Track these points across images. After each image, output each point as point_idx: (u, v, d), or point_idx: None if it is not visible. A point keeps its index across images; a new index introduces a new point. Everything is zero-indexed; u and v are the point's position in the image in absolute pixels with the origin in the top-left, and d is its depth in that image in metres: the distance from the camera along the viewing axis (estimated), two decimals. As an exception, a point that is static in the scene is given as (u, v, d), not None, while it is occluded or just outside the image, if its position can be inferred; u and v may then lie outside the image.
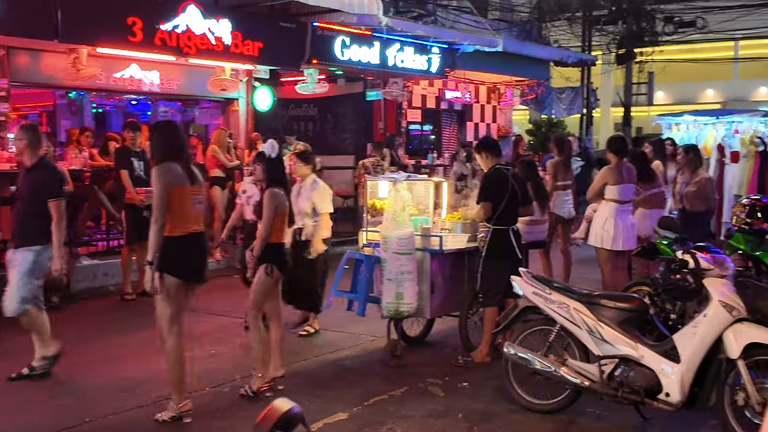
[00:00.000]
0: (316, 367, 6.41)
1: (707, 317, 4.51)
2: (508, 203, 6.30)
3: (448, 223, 6.96)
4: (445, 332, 7.21)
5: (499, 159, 6.67)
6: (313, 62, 12.54)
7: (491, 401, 5.44)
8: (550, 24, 22.25)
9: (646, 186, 7.85)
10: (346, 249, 8.96)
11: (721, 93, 37.76)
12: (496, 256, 6.24)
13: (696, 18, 23.51)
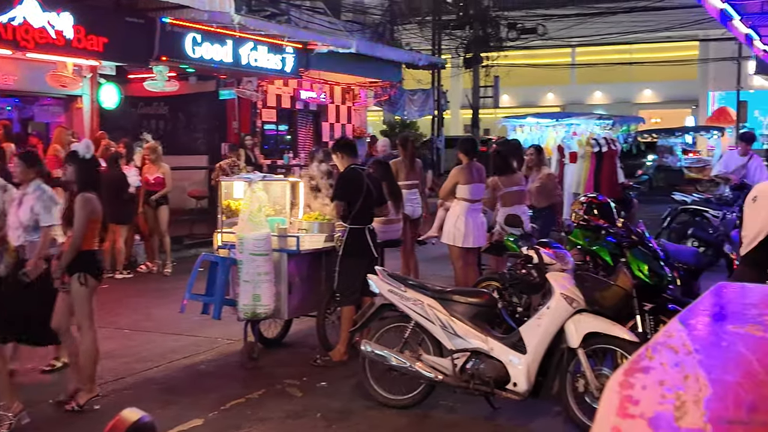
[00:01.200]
0: (170, 373, 6.23)
1: (550, 309, 4.76)
2: (364, 203, 6.39)
3: (305, 223, 6.96)
4: (304, 332, 7.21)
5: (355, 159, 6.76)
6: (162, 59, 12.16)
7: (349, 399, 5.50)
8: (401, 27, 22.74)
9: (508, 180, 8.14)
10: (201, 251, 8.76)
11: (561, 97, 39.98)
12: (353, 255, 6.31)
13: (537, 25, 24.79)
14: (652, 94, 39.80)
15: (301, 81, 17.18)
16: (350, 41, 15.16)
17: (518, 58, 29.53)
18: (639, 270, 5.56)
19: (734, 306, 1.55)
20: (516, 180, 8.14)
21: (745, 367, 1.06)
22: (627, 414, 0.85)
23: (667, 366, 1.04)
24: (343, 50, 15.07)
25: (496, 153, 8.52)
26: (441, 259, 9.82)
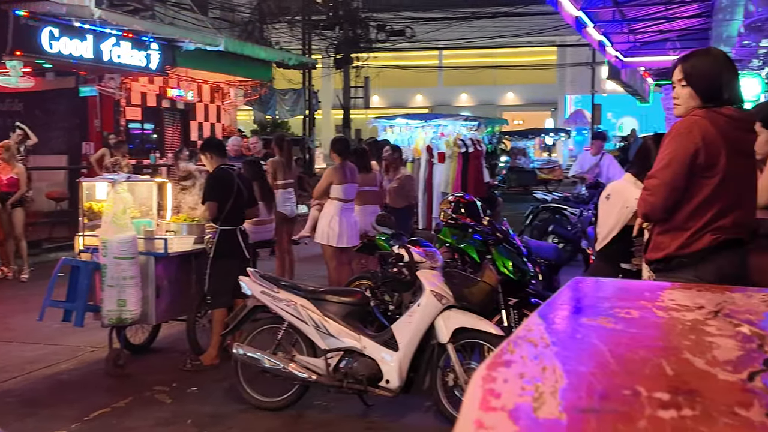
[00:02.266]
0: (29, 384, 5.91)
1: (421, 306, 4.87)
2: (235, 203, 6.30)
3: (173, 225, 6.78)
4: (173, 337, 7.02)
5: (224, 159, 6.66)
6: (16, 54, 11.49)
7: (221, 403, 5.41)
8: (271, 26, 22.53)
9: (363, 179, 8.24)
10: (61, 255, 8.34)
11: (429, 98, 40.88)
12: (224, 256, 6.22)
13: (405, 27, 25.21)
14: (515, 97, 41.42)
15: (167, 79, 16.69)
16: (218, 39, 14.87)
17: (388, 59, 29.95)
18: (504, 266, 5.78)
19: (589, 300, 1.64)
20: (370, 179, 8.28)
21: (597, 358, 1.14)
22: (489, 407, 0.89)
23: (526, 359, 1.10)
24: (211, 48, 14.76)
25: (354, 151, 8.63)
26: (315, 259, 9.82)
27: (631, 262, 4.45)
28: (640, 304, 1.52)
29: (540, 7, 18.01)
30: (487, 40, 29.24)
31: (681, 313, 1.42)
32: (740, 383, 1.01)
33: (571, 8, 10.08)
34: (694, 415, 0.89)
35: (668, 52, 14.96)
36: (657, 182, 3.20)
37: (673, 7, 11.76)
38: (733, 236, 3.20)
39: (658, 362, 1.10)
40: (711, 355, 1.13)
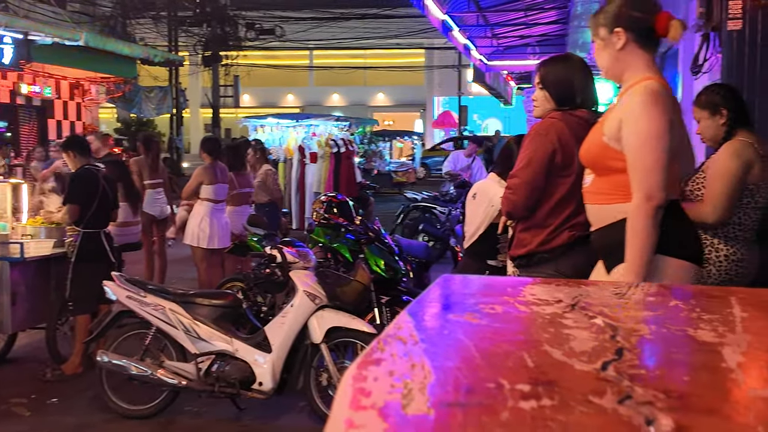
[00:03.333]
0: None
1: (294, 307, 4.86)
2: (99, 205, 6.06)
3: (30, 228, 6.43)
4: (32, 346, 6.65)
5: (88, 158, 6.38)
6: None
7: (85, 413, 5.18)
8: (135, 21, 21.77)
9: (242, 180, 8.12)
10: None
11: (300, 98, 40.75)
12: (88, 260, 5.96)
13: (275, 26, 25.02)
14: (385, 98, 41.99)
15: (22, 74, 15.77)
16: (77, 33, 14.21)
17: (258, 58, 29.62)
18: (376, 265, 5.86)
19: (456, 296, 1.70)
20: (246, 181, 8.22)
21: (463, 353, 1.18)
22: (359, 406, 0.91)
23: (396, 356, 1.12)
24: (69, 42, 14.08)
25: (230, 149, 8.51)
26: (185, 261, 9.58)
27: (497, 258, 4.62)
28: (503, 299, 1.58)
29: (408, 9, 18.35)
30: (357, 41, 29.52)
31: (541, 307, 1.49)
32: (594, 372, 1.07)
33: (437, 12, 10.33)
34: (552, 404, 0.94)
35: (529, 56, 15.62)
36: (518, 181, 3.33)
37: (532, 14, 12.29)
38: (589, 233, 3.38)
39: (520, 355, 1.15)
40: (568, 346, 1.20)
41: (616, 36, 2.64)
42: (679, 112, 2.70)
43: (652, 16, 2.61)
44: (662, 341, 1.31)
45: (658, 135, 2.50)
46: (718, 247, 3.57)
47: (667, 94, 2.60)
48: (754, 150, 3.54)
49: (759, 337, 1.32)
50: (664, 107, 2.53)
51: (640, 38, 2.63)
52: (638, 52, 2.64)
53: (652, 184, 2.50)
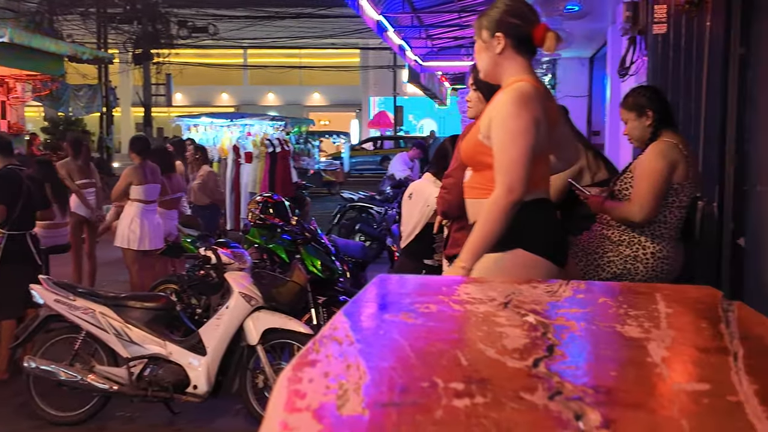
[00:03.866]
0: None
1: (229, 309, 4.81)
2: (24, 206, 5.88)
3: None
4: (-47, 354, 6.40)
5: (12, 158, 6.18)
6: None
7: (12, 422, 5.02)
8: (62, 17, 21.18)
9: (172, 184, 7.98)
10: None
11: (235, 97, 40.29)
12: (12, 263, 5.78)
13: (208, 24, 24.67)
14: (321, 98, 41.86)
15: (-59, 71, 15.19)
16: (1, 29, 13.74)
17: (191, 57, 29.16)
18: (312, 265, 5.84)
19: (392, 296, 1.71)
20: (175, 186, 8.06)
21: (398, 353, 1.19)
22: (294, 408, 0.91)
23: (331, 357, 1.12)
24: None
25: (155, 151, 8.35)
26: (115, 263, 9.37)
27: (433, 257, 4.66)
28: (438, 298, 1.60)
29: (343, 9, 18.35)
30: (292, 41, 29.35)
31: (475, 305, 1.51)
32: (526, 369, 1.10)
33: (372, 12, 10.36)
34: (485, 402, 0.96)
35: (463, 57, 15.80)
36: (453, 181, 3.37)
37: (466, 16, 12.42)
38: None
39: (454, 354, 1.17)
40: (501, 344, 1.22)
41: (497, 40, 2.75)
42: (555, 111, 2.80)
43: (531, 26, 2.73)
44: (591, 337, 1.34)
45: (521, 132, 2.60)
46: (645, 245, 3.68)
47: (537, 95, 2.70)
48: (679, 150, 3.66)
49: (682, 332, 1.37)
50: (530, 106, 2.64)
51: (518, 44, 2.74)
52: (516, 57, 2.76)
53: (513, 178, 2.59)
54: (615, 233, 3.75)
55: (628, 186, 3.74)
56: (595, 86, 12.69)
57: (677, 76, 5.23)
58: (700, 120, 5.19)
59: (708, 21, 5.12)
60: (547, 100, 2.80)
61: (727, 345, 1.25)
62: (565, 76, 13.15)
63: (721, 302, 1.57)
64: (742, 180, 5.21)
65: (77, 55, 17.40)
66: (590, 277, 3.73)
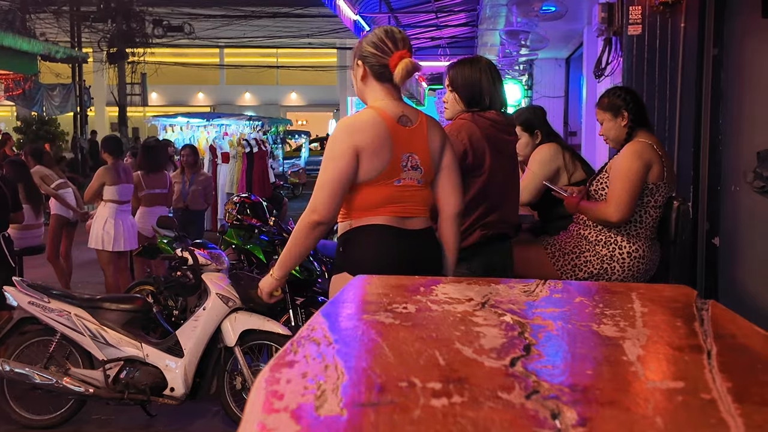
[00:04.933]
0: None
1: (206, 310, 4.78)
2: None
3: None
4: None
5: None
6: None
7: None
8: (35, 16, 20.93)
9: (153, 181, 7.87)
10: None
11: (211, 97, 40.07)
12: (-16, 266, 5.70)
13: (183, 23, 24.50)
14: (298, 98, 41.74)
15: None
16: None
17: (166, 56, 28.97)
18: (290, 266, 5.82)
19: (370, 296, 1.71)
20: (160, 181, 7.96)
21: (376, 353, 1.19)
22: (272, 409, 0.91)
23: (309, 358, 1.12)
24: (-36, 37, 13.44)
25: (144, 149, 8.28)
26: (89, 265, 9.29)
27: None
28: (416, 298, 1.60)
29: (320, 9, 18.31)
30: (268, 40, 29.22)
31: (452, 305, 1.52)
32: (503, 369, 1.10)
33: (349, 12, 10.36)
34: (462, 401, 0.96)
35: (440, 58, 15.84)
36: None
37: (442, 16, 12.47)
38: (500, 232, 3.46)
39: (432, 353, 1.17)
40: (478, 344, 1.23)
41: (359, 68, 2.95)
42: (410, 139, 2.85)
43: (387, 56, 2.86)
44: (568, 337, 1.35)
45: (334, 158, 2.76)
46: (621, 245, 3.71)
47: (365, 122, 2.81)
48: (654, 151, 3.70)
49: (657, 331, 1.39)
50: (347, 133, 2.79)
51: (377, 72, 2.90)
52: (374, 83, 2.93)
53: (317, 201, 2.76)
54: (592, 233, 3.78)
55: (604, 186, 3.77)
56: (571, 87, 12.78)
57: (652, 77, 5.29)
58: (675, 120, 5.25)
59: (682, 22, 5.18)
60: (407, 125, 2.87)
61: (701, 343, 1.27)
62: (541, 76, 13.23)
63: (695, 301, 1.59)
64: (717, 180, 5.28)
65: (51, 54, 17.22)
66: (567, 276, 3.76)
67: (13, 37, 15.79)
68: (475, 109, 3.42)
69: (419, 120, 2.92)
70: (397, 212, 2.84)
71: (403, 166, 2.82)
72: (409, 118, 2.89)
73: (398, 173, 2.81)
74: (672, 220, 3.82)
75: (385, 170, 2.78)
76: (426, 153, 2.89)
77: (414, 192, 2.86)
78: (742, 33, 5.22)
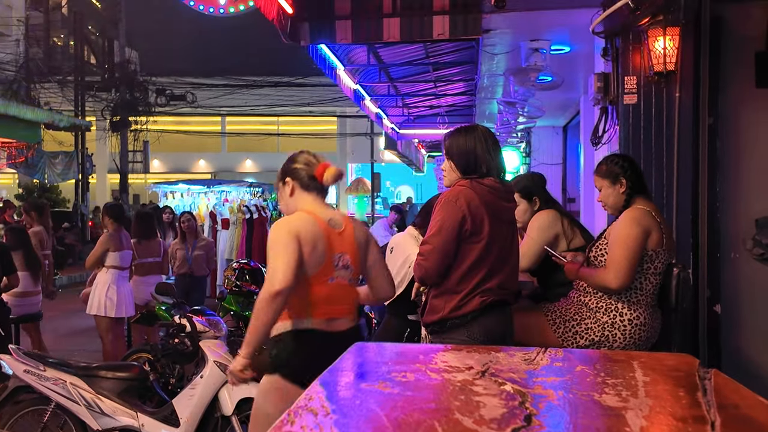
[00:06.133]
0: None
1: (204, 378, 4.71)
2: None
3: None
4: None
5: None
6: None
7: (-25, 499, 4.83)
8: (39, 85, 21.28)
9: (146, 249, 7.87)
10: None
11: (212, 164, 40.41)
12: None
13: (186, 93, 24.89)
14: (299, 164, 41.90)
15: None
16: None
17: (169, 124, 29.36)
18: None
19: (369, 365, 1.69)
20: (154, 249, 7.96)
21: (375, 424, 1.17)
22: (268, 482, 0.89)
23: (306, 429, 1.10)
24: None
25: (138, 216, 8.30)
26: (87, 332, 9.20)
27: (416, 313, 4.64)
28: (415, 367, 1.59)
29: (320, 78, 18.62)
30: (269, 108, 29.64)
31: (452, 374, 1.50)
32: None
33: (349, 82, 10.53)
34: (463, 473, 0.94)
35: (438, 126, 16.02)
36: (430, 248, 3.38)
37: (441, 85, 12.66)
38: (499, 298, 3.45)
39: (431, 424, 1.15)
40: (478, 414, 1.21)
41: (287, 185, 3.32)
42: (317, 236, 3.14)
43: (314, 168, 3.30)
44: (569, 407, 1.33)
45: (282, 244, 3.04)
46: (622, 312, 3.69)
47: (302, 222, 3.15)
48: (652, 217, 3.71)
49: (660, 401, 1.37)
50: (287, 230, 3.09)
51: (304, 184, 3.30)
52: (303, 194, 3.30)
53: (275, 274, 3.01)
54: (592, 300, 3.76)
55: (603, 252, 3.77)
56: (569, 154, 12.91)
57: (649, 145, 5.34)
58: (672, 188, 5.28)
59: (677, 92, 5.27)
60: (336, 228, 3.21)
61: (705, 414, 1.25)
62: (539, 144, 13.37)
63: (698, 370, 1.57)
64: (716, 247, 5.28)
65: (54, 122, 17.43)
66: (568, 344, 3.72)
67: (18, 106, 16.02)
68: (472, 176, 3.45)
69: (346, 223, 3.29)
70: (328, 314, 3.14)
71: (335, 266, 3.14)
72: (338, 221, 3.24)
73: (331, 272, 3.13)
74: (672, 287, 3.80)
75: (322, 266, 3.10)
76: (355, 253, 3.23)
77: (344, 291, 3.20)
78: (737, 102, 5.30)
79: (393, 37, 6.73)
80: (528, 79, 7.76)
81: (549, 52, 7.44)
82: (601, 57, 5.79)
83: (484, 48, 7.52)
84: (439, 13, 6.63)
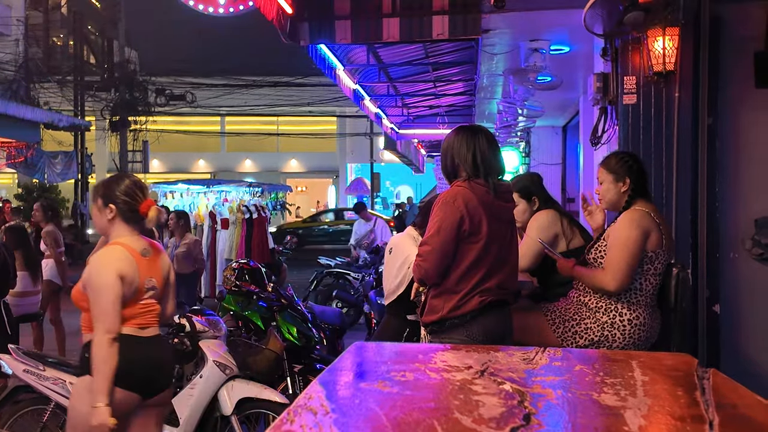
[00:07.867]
0: None
1: (203, 378, 4.72)
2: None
3: None
4: None
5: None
6: None
7: (-26, 499, 4.84)
8: (39, 85, 21.28)
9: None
10: None
11: (211, 163, 40.42)
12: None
13: (186, 92, 24.89)
14: (298, 164, 42.08)
15: None
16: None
17: (168, 123, 29.37)
18: (288, 333, 5.77)
19: (368, 364, 1.69)
20: None
21: (374, 423, 1.17)
22: (268, 481, 0.89)
23: (306, 428, 1.11)
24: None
25: None
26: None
27: (416, 312, 4.64)
28: (414, 366, 1.59)
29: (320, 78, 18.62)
30: (269, 108, 29.66)
31: (451, 373, 1.51)
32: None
33: (349, 82, 10.54)
34: (462, 472, 0.94)
35: (438, 126, 16.02)
36: (429, 248, 3.38)
37: (440, 85, 12.67)
38: (498, 298, 3.45)
39: (431, 423, 1.15)
40: (477, 413, 1.21)
41: (109, 209, 3.47)
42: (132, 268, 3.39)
43: (138, 203, 3.47)
44: (568, 406, 1.33)
45: (107, 285, 3.28)
46: (622, 312, 3.69)
47: (120, 257, 3.36)
48: (651, 218, 3.71)
49: (659, 400, 1.37)
50: (111, 268, 3.31)
51: (125, 215, 3.47)
52: (122, 224, 3.48)
53: (110, 323, 3.27)
54: (592, 300, 3.77)
55: (602, 254, 3.77)
56: (569, 154, 12.91)
57: (648, 145, 5.35)
58: (671, 188, 5.28)
59: (676, 92, 5.27)
60: (147, 256, 3.47)
61: (703, 413, 1.25)
62: (539, 144, 13.37)
63: (696, 370, 1.58)
64: (715, 247, 5.29)
65: (54, 122, 17.43)
66: (568, 343, 3.73)
67: (17, 105, 16.02)
68: (471, 177, 3.45)
69: (154, 250, 3.56)
70: (140, 324, 3.45)
71: (146, 289, 3.44)
72: (149, 249, 3.51)
73: (142, 294, 3.44)
74: (671, 287, 3.80)
75: (136, 293, 3.39)
76: (160, 276, 3.55)
77: (152, 308, 3.50)
78: (736, 102, 5.31)
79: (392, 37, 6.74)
80: (527, 79, 7.76)
81: (548, 52, 7.44)
82: (601, 57, 5.79)
83: (484, 48, 7.52)
84: (439, 13, 6.63)
